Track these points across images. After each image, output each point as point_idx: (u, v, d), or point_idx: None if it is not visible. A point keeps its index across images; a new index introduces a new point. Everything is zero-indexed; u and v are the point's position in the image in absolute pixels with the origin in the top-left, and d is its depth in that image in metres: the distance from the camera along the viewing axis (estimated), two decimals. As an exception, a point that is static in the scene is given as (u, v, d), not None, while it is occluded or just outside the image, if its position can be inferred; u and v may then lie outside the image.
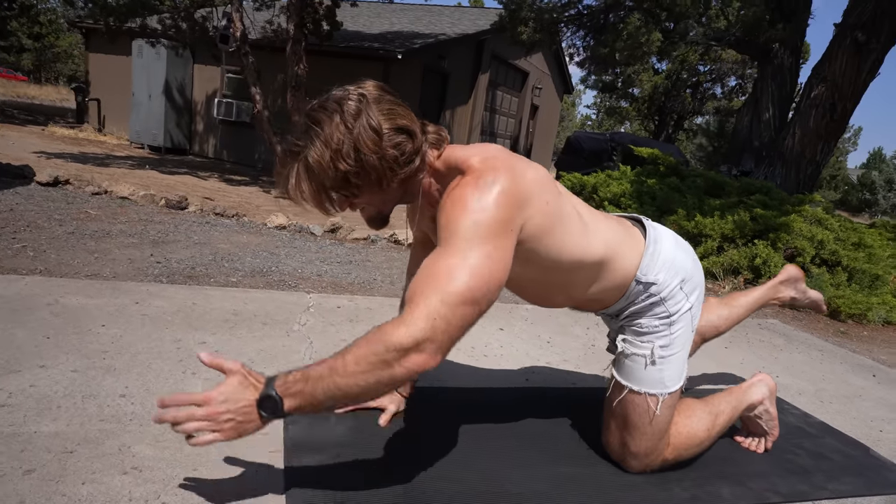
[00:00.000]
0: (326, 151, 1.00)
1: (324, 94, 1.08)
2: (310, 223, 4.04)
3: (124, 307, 1.93)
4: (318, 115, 1.02)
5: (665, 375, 1.29)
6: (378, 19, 10.41)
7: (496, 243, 0.98)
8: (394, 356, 0.90)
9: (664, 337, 1.28)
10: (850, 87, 5.16)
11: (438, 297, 0.91)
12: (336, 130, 1.00)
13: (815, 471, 1.54)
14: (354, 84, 1.08)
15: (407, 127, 1.05)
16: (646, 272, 1.26)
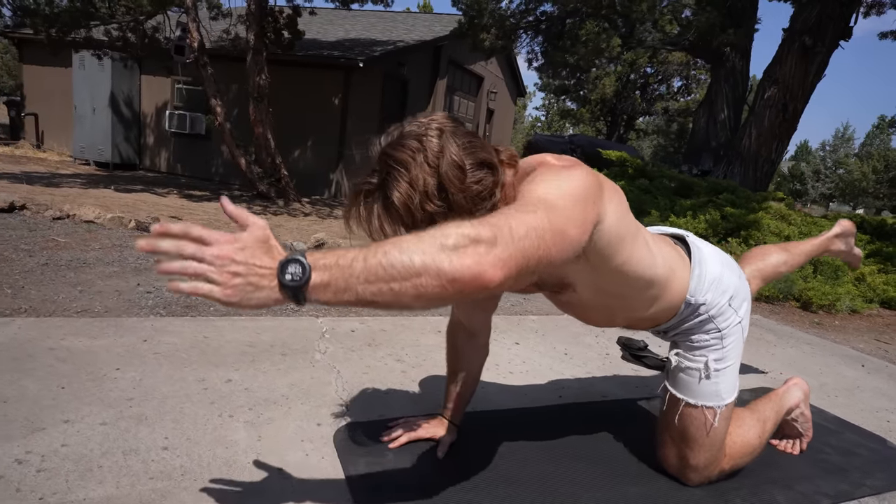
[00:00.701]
0: (415, 194, 0.95)
1: (391, 129, 1.04)
2: (294, 240, 3.92)
3: (133, 347, 1.81)
4: (399, 154, 0.96)
5: (721, 388, 1.31)
6: (332, 27, 10.26)
7: (587, 214, 0.92)
8: (453, 241, 0.75)
9: (717, 350, 1.30)
10: (800, 88, 5.46)
11: (506, 220, 0.81)
12: (421, 171, 0.95)
13: (850, 468, 1.60)
14: (425, 117, 1.04)
15: (487, 160, 1.02)
16: (694, 293, 1.26)
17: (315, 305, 0.97)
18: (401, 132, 1.01)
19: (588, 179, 0.96)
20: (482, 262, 0.75)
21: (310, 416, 1.51)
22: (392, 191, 0.96)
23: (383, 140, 1.02)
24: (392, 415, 1.56)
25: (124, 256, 3.09)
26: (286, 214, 5.95)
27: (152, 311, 2.24)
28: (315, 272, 0.73)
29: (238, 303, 0.74)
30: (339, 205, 7.35)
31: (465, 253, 0.74)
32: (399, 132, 1.01)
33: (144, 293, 2.48)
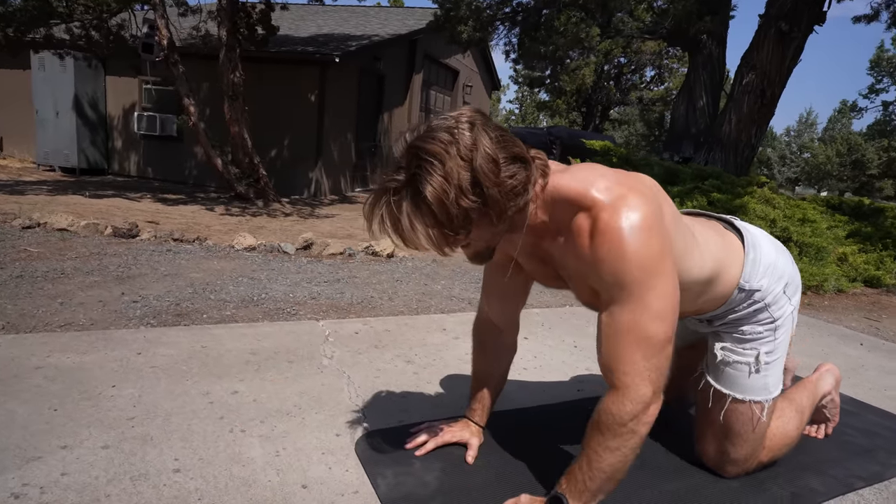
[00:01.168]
0: (450, 188, 0.89)
1: (414, 124, 0.97)
2: (281, 241, 3.80)
3: (127, 361, 1.69)
4: (431, 146, 0.89)
5: (769, 381, 1.27)
6: (304, 22, 10.03)
7: (666, 273, 0.96)
8: (634, 424, 0.97)
9: (769, 343, 1.26)
10: (777, 74, 5.52)
11: (640, 355, 0.96)
12: (455, 164, 0.89)
13: (875, 448, 1.58)
14: (454, 111, 0.97)
15: (520, 154, 0.96)
16: (748, 279, 1.22)
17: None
18: (429, 126, 0.94)
19: (652, 220, 0.95)
20: (657, 407, 0.99)
21: (326, 425, 1.42)
22: (425, 185, 0.89)
23: (409, 135, 0.95)
24: (411, 419, 1.49)
25: (104, 264, 2.94)
26: (266, 215, 5.79)
27: (142, 322, 2.12)
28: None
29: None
30: (320, 204, 7.20)
31: (646, 417, 0.98)
32: (427, 126, 0.94)
33: (131, 303, 2.35)
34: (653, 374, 0.96)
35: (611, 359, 0.98)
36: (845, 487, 1.36)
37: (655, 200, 0.99)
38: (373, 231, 0.99)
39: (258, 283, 2.85)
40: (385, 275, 3.34)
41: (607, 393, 1.00)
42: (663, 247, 0.96)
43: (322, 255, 3.67)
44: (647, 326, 0.95)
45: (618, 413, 0.97)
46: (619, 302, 0.96)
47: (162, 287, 2.62)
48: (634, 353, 0.96)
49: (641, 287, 0.94)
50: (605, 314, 0.99)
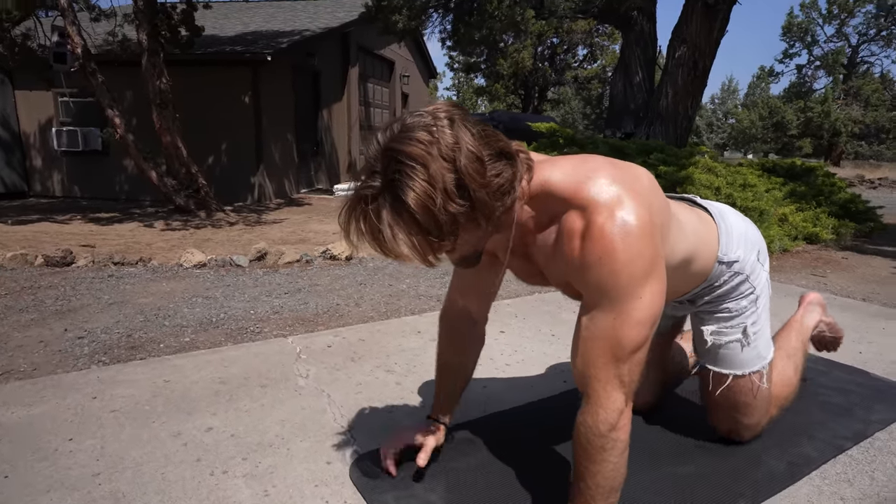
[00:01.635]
0: (435, 193, 0.81)
1: (392, 122, 0.88)
2: (232, 254, 3.61)
3: (83, 408, 1.54)
4: (409, 148, 0.81)
5: (761, 349, 1.29)
6: (228, 21, 9.59)
7: (654, 280, 0.92)
8: (612, 433, 0.94)
9: (752, 314, 1.27)
10: (707, 46, 5.70)
11: (613, 361, 0.93)
12: (439, 166, 0.81)
13: (851, 406, 1.64)
14: (428, 107, 0.90)
15: (505, 149, 0.90)
16: (726, 251, 1.22)
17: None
18: (403, 124, 0.85)
19: (646, 226, 0.91)
20: (630, 409, 0.97)
21: (315, 454, 1.34)
22: (406, 192, 0.81)
23: (382, 136, 0.86)
24: (403, 435, 1.42)
25: (40, 299, 2.70)
26: (211, 227, 5.52)
27: (92, 360, 1.95)
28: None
29: None
30: (266, 209, 6.94)
31: (622, 424, 0.95)
32: (401, 125, 0.85)
33: (76, 339, 2.16)
34: (625, 379, 0.94)
35: (585, 364, 0.96)
36: (836, 450, 1.40)
37: (649, 199, 0.95)
38: (351, 242, 0.91)
39: (214, 303, 2.69)
40: (347, 279, 3.23)
41: (582, 404, 0.98)
42: (654, 253, 0.92)
43: (278, 264, 3.52)
44: (625, 334, 0.92)
45: (593, 424, 0.95)
46: (601, 308, 0.93)
47: (109, 318, 2.43)
48: (607, 361, 0.93)
49: (627, 296, 0.91)
50: (586, 317, 0.96)
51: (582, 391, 0.98)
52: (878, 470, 1.32)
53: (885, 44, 23.88)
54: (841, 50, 24.40)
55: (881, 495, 1.23)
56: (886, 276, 3.69)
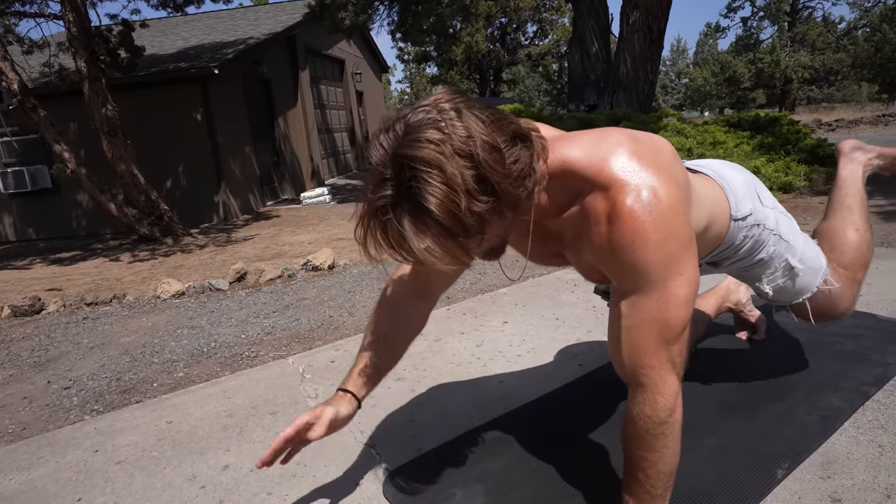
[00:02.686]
0: (458, 196, 0.75)
1: (392, 121, 0.81)
2: (210, 279, 3.48)
3: (85, 464, 1.44)
4: (420, 152, 0.74)
5: (813, 264, 1.30)
6: (166, 38, 9.25)
7: (690, 256, 0.89)
8: (671, 417, 0.91)
9: (787, 250, 1.26)
10: (659, 8, 5.72)
11: (665, 345, 0.89)
12: (456, 165, 0.75)
13: (866, 350, 1.65)
14: (428, 99, 0.83)
15: (518, 131, 0.84)
16: (737, 208, 1.18)
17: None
18: (407, 123, 0.78)
19: (676, 201, 0.86)
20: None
21: (342, 478, 1.28)
22: (426, 199, 0.75)
23: (384, 139, 0.79)
24: (427, 444, 1.37)
25: (14, 352, 2.55)
26: (180, 252, 5.34)
27: (84, 411, 1.84)
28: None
29: None
30: (234, 227, 6.75)
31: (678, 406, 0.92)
32: (404, 125, 0.78)
33: (62, 391, 2.04)
34: (676, 360, 0.91)
35: (633, 353, 0.91)
36: (862, 397, 1.40)
37: (674, 173, 0.90)
38: (371, 256, 0.85)
39: (202, 332, 2.58)
40: (334, 289, 3.15)
41: (634, 394, 0.93)
42: (688, 228, 0.88)
43: (259, 283, 3.41)
44: (673, 314, 0.88)
45: (653, 413, 0.91)
46: (641, 292, 0.88)
47: (92, 363, 2.31)
48: (658, 346, 0.89)
49: (666, 275, 0.86)
50: (625, 304, 0.90)
51: (630, 381, 0.93)
52: (907, 410, 1.33)
53: (822, -12, 24.47)
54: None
55: (916, 435, 1.23)
56: (861, 215, 3.77)
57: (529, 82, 28.41)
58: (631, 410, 0.93)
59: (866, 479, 1.10)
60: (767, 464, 1.17)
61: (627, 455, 0.97)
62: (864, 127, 13.40)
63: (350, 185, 10.48)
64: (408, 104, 24.08)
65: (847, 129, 12.86)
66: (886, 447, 1.20)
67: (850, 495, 1.06)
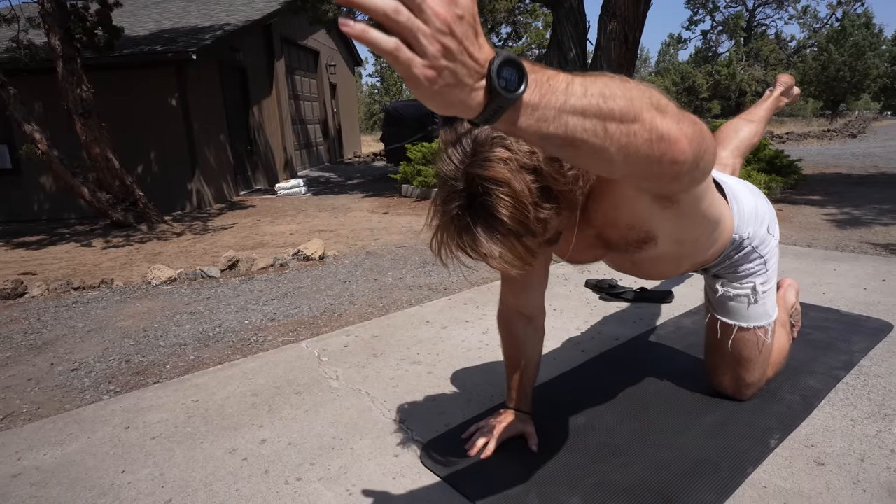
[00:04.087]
0: (527, 207, 0.86)
1: (459, 135, 0.90)
2: (201, 266, 3.48)
3: (119, 439, 1.49)
4: (491, 172, 0.84)
5: (768, 307, 1.40)
6: (136, 18, 8.98)
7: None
8: (657, 101, 0.68)
9: (762, 275, 1.39)
10: (635, 19, 5.95)
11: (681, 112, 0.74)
12: (522, 180, 0.86)
13: (834, 341, 1.85)
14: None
15: None
16: (738, 230, 1.30)
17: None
18: (474, 140, 0.88)
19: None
20: (682, 130, 0.70)
21: (379, 449, 1.37)
22: (498, 210, 0.85)
23: (454, 154, 0.89)
24: (454, 420, 1.48)
25: (7, 335, 2.52)
26: (156, 239, 5.25)
27: (99, 391, 1.87)
28: (530, 87, 0.58)
29: (430, 92, 0.54)
30: (209, 216, 6.66)
31: (668, 116, 0.68)
32: (472, 143, 0.88)
33: (69, 372, 2.05)
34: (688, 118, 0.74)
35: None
36: (834, 380, 1.59)
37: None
38: (446, 264, 0.95)
39: (202, 317, 2.61)
40: (329, 278, 3.21)
41: None
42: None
43: (252, 271, 3.43)
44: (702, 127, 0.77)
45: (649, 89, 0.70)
46: None
47: (95, 346, 2.31)
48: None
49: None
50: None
51: None
52: (872, 391, 1.52)
53: (777, 6, 25.69)
54: (740, 14, 26.05)
55: (881, 412, 1.41)
56: (820, 223, 4.08)
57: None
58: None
59: (843, 446, 1.27)
60: (761, 435, 1.33)
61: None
62: (811, 140, 14.17)
63: (323, 177, 10.42)
64: (379, 99, 23.39)
65: (796, 142, 13.57)
66: (857, 420, 1.38)
67: (832, 460, 1.23)
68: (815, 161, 8.87)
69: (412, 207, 6.18)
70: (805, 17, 25.75)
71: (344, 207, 6.59)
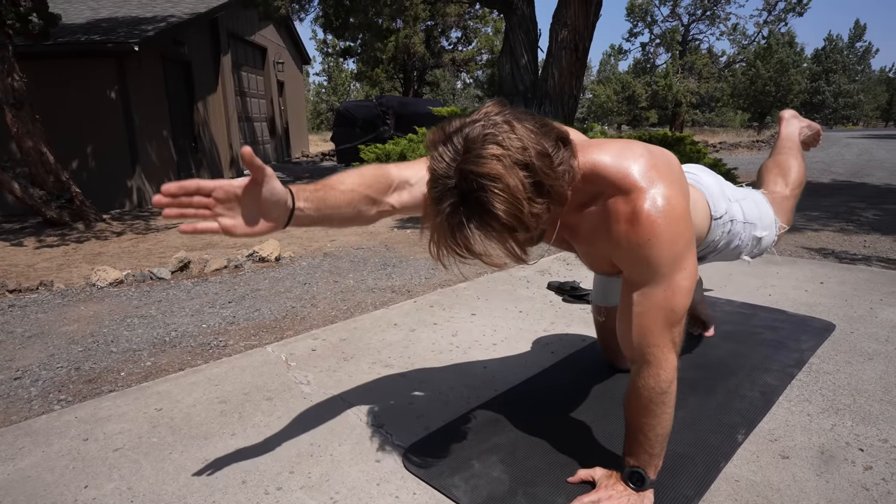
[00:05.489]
0: (521, 202, 0.88)
1: (449, 133, 0.91)
2: (149, 267, 3.32)
3: (79, 452, 1.40)
4: (485, 168, 0.86)
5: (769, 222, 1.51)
6: (72, 6, 8.44)
7: (692, 253, 1.05)
8: (670, 387, 1.07)
9: (753, 228, 1.47)
10: (585, 29, 6.14)
11: (668, 328, 1.04)
12: (515, 176, 0.87)
13: (784, 340, 1.97)
14: (478, 113, 0.94)
15: (561, 136, 0.96)
16: (715, 209, 1.37)
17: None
18: (466, 140, 0.89)
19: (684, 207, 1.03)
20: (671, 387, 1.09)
21: (360, 455, 1.35)
22: (493, 206, 0.87)
23: (445, 152, 0.90)
24: (433, 423, 1.48)
25: (-66, 343, 2.32)
26: (95, 239, 4.96)
27: (48, 401, 1.75)
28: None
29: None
30: (150, 214, 6.35)
31: (674, 378, 1.08)
32: (464, 140, 0.89)
33: (13, 381, 1.91)
34: (677, 340, 1.06)
35: (642, 335, 1.05)
36: (788, 377, 1.69)
37: (682, 184, 1.07)
38: (444, 262, 0.95)
39: (155, 321, 2.49)
40: (287, 280, 3.13)
41: (639, 370, 1.07)
42: (692, 230, 1.05)
43: (205, 272, 3.30)
44: (677, 301, 1.03)
45: (656, 385, 1.06)
46: (651, 283, 1.03)
47: (39, 353, 2.16)
48: (663, 328, 1.04)
49: (673, 270, 1.02)
50: (637, 294, 1.05)
51: (636, 358, 1.08)
52: (823, 388, 1.63)
53: (710, 23, 27.11)
54: (676, 29, 27.30)
55: (833, 406, 1.52)
56: (757, 228, 4.31)
57: (445, 86, 29.02)
58: (636, 383, 1.08)
59: (803, 440, 1.36)
60: (729, 431, 1.39)
61: (630, 421, 1.12)
62: (742, 150, 15.05)
63: (271, 177, 10.14)
64: (326, 98, 22.99)
65: (729, 151, 14.38)
66: (813, 415, 1.47)
67: (795, 453, 1.31)
68: (749, 170, 9.40)
69: (367, 209, 6.11)
70: (735, 34, 27.33)
71: (296, 208, 6.43)
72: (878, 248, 3.64)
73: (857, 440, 1.34)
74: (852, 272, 2.87)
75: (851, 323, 2.11)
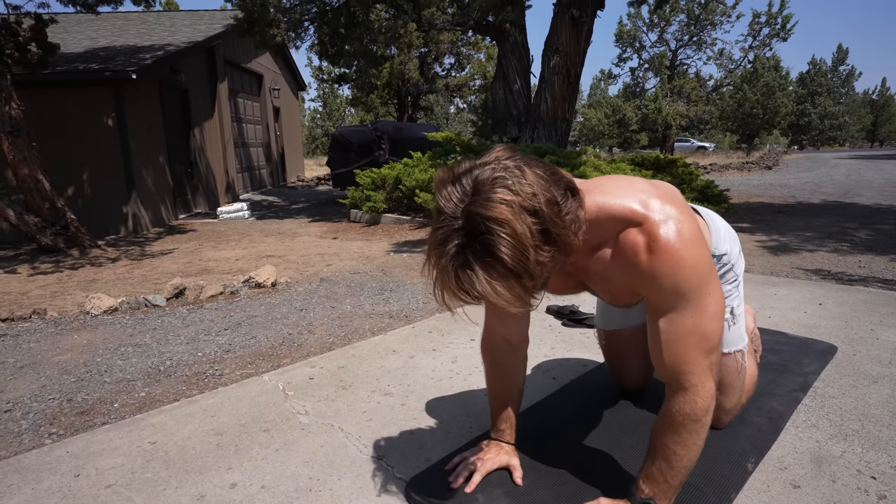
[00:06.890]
0: (527, 249, 0.86)
1: (458, 174, 0.90)
2: (144, 294, 3.28)
3: (69, 489, 1.36)
4: (493, 212, 0.84)
5: (741, 330, 1.47)
6: (69, 35, 8.53)
7: (715, 277, 1.05)
8: (706, 417, 1.05)
9: (736, 298, 1.46)
10: (577, 55, 6.25)
11: (703, 355, 1.04)
12: (523, 222, 0.85)
13: (787, 363, 1.95)
14: (489, 156, 0.93)
15: (568, 184, 0.96)
16: (717, 246, 1.38)
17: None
18: (475, 182, 0.88)
19: (698, 230, 1.03)
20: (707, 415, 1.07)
21: (360, 490, 1.31)
22: (500, 250, 0.85)
23: (453, 193, 0.89)
24: (435, 454, 1.45)
25: (-78, 375, 2.26)
26: (90, 266, 4.92)
27: (40, 435, 1.70)
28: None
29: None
30: (146, 240, 6.32)
31: (713, 407, 1.07)
32: (473, 183, 0.88)
33: (2, 414, 1.86)
34: (714, 368, 1.05)
35: (676, 362, 1.04)
36: (794, 401, 1.67)
37: (688, 210, 1.07)
38: (447, 305, 0.93)
39: (150, 350, 2.45)
40: (284, 306, 3.10)
41: (674, 395, 1.05)
42: (709, 254, 1.06)
43: (200, 299, 3.27)
44: (708, 327, 1.02)
45: (692, 412, 1.03)
46: (679, 309, 1.02)
47: (29, 384, 2.12)
48: (698, 355, 1.03)
49: (699, 294, 1.01)
50: (664, 320, 1.04)
51: (673, 384, 1.06)
52: (830, 412, 1.60)
53: (696, 48, 27.67)
54: (664, 54, 27.83)
55: (842, 432, 1.49)
56: (753, 250, 4.34)
57: (439, 110, 29.43)
58: (671, 408, 1.06)
59: (814, 468, 1.33)
60: (738, 459, 1.37)
61: (657, 446, 1.09)
62: (732, 171, 15.21)
63: (266, 201, 10.17)
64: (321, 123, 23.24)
65: (719, 173, 14.52)
66: (822, 441, 1.45)
67: (806, 482, 1.28)
68: (739, 191, 9.50)
69: (362, 233, 6.12)
70: (721, 59, 27.87)
71: (291, 232, 6.43)
72: (873, 269, 3.66)
73: (869, 468, 1.32)
74: (850, 293, 2.87)
75: (853, 345, 2.10)
